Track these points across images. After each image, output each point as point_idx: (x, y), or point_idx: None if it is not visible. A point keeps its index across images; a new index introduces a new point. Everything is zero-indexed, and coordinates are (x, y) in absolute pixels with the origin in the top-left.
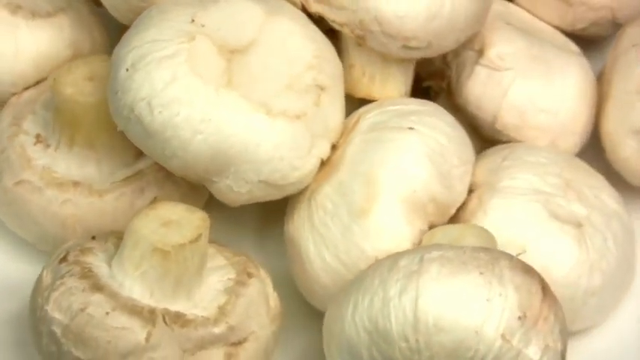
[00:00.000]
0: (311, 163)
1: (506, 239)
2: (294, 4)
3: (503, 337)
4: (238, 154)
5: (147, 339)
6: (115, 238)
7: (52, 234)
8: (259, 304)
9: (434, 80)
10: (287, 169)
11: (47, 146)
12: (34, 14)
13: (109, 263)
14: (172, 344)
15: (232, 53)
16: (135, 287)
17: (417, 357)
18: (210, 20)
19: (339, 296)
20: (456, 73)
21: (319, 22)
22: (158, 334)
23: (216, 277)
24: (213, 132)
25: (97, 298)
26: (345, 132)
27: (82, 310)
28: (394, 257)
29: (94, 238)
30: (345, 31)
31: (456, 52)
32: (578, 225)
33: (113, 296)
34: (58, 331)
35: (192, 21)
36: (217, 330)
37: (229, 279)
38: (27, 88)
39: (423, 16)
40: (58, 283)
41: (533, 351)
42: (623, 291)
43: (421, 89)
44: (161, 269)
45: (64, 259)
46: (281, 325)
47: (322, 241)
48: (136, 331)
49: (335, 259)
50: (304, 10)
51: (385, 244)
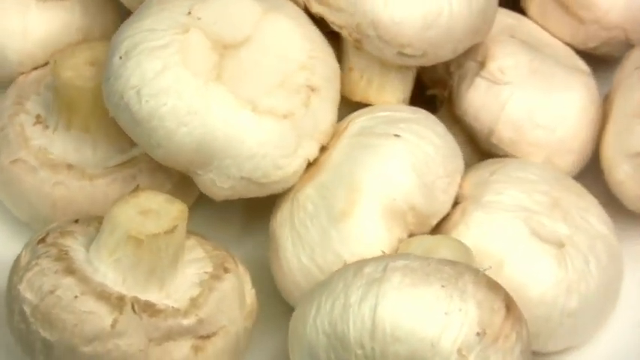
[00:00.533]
0: (296, 164)
1: (486, 254)
2: (297, 4)
3: (459, 351)
4: (222, 149)
5: (113, 325)
6: (98, 223)
7: (44, 214)
8: (233, 299)
9: (438, 89)
10: (270, 167)
11: (46, 127)
12: None
13: (88, 247)
14: (139, 332)
15: (225, 48)
16: (109, 273)
17: None
18: (207, 14)
19: (306, 297)
20: (457, 83)
21: (322, 23)
22: (125, 321)
23: (193, 269)
24: (198, 125)
25: (68, 281)
26: (335, 135)
27: (51, 291)
28: (360, 263)
29: (77, 221)
30: (343, 33)
31: (459, 62)
32: (560, 245)
33: (84, 280)
34: (27, 310)
35: (189, 13)
36: (186, 322)
37: (205, 272)
38: (36, 69)
39: (419, 24)
40: (33, 263)
41: None
42: (604, 315)
43: (426, 97)
44: (134, 257)
45: (42, 240)
46: (255, 322)
47: (300, 242)
48: (102, 317)
49: (311, 261)
50: (306, 10)
51: (361, 250)
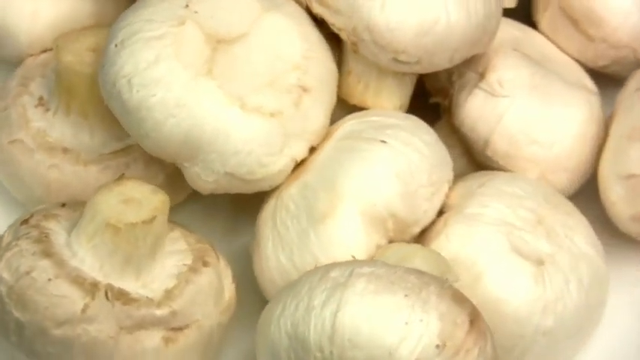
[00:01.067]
0: (282, 162)
1: (464, 266)
2: (300, 4)
3: None
4: (207, 143)
5: (83, 310)
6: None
7: (38, 196)
8: (209, 293)
9: (440, 97)
10: (254, 164)
11: (47, 110)
12: None
13: (71, 232)
14: (110, 319)
15: (219, 43)
16: (87, 259)
17: None
18: (205, 7)
19: (275, 296)
20: (457, 92)
21: (325, 24)
22: (96, 307)
23: (173, 261)
24: (185, 117)
25: (44, 263)
26: (326, 136)
27: (27, 272)
28: (328, 267)
29: (64, 205)
30: (342, 36)
31: (461, 71)
32: (540, 262)
33: (60, 264)
34: (4, 290)
35: (187, 6)
36: (159, 312)
37: (184, 265)
38: (45, 52)
39: (413, 30)
40: (14, 244)
41: None
42: (582, 336)
43: (431, 105)
44: (112, 245)
45: (25, 222)
46: (236, 317)
47: (280, 241)
48: (73, 301)
49: (289, 261)
50: (309, 11)
51: (338, 254)
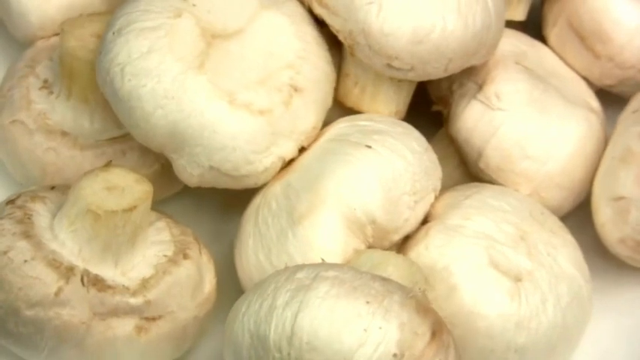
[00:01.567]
0: (268, 161)
1: (440, 277)
2: (302, 4)
3: None
4: (193, 137)
5: (57, 293)
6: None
7: (34, 177)
8: (186, 286)
9: (441, 105)
10: (240, 161)
11: (50, 93)
12: None
13: (55, 215)
14: (83, 304)
15: (214, 38)
16: (67, 243)
17: None
18: (203, 1)
19: (244, 294)
20: (456, 102)
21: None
22: (70, 292)
23: (154, 251)
24: (173, 110)
25: (22, 244)
26: (317, 137)
27: (4, 252)
28: (295, 268)
29: (53, 188)
30: (340, 38)
31: (461, 81)
32: (517, 279)
33: (37, 246)
34: None
35: None
36: (133, 301)
37: (165, 255)
38: (57, 35)
39: (407, 37)
40: None
41: None
42: (556, 357)
43: (435, 113)
44: (92, 231)
45: (11, 202)
46: (216, 311)
47: (260, 240)
48: (47, 284)
49: (267, 259)
50: (310, 11)
51: (314, 256)
